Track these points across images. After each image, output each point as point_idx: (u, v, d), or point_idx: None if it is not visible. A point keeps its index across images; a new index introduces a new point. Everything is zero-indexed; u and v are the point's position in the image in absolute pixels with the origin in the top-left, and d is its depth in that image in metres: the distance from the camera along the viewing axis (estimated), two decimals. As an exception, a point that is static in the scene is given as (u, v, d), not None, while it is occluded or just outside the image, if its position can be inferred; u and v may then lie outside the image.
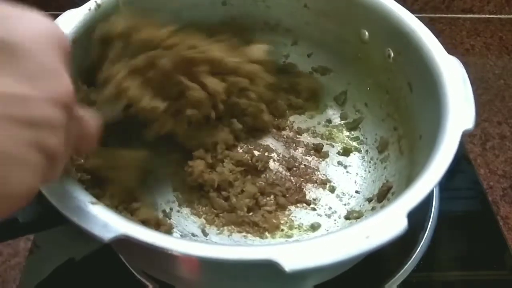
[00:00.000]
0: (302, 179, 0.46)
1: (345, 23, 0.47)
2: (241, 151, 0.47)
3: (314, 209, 0.44)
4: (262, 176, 0.45)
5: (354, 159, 0.48)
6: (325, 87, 0.52)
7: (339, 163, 0.48)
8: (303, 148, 0.49)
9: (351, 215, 0.42)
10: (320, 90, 0.52)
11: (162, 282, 0.39)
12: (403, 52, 0.42)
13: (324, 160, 0.48)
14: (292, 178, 0.46)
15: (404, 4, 0.42)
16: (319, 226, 0.42)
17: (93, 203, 0.28)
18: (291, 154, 0.48)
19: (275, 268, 0.25)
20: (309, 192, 0.45)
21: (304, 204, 0.44)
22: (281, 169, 0.46)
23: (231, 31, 0.47)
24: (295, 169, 0.47)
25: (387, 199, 0.41)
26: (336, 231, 0.28)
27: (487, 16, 0.75)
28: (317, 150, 0.48)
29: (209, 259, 0.26)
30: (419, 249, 0.43)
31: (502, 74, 0.66)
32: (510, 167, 0.54)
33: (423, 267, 0.43)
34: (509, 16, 0.75)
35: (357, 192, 0.45)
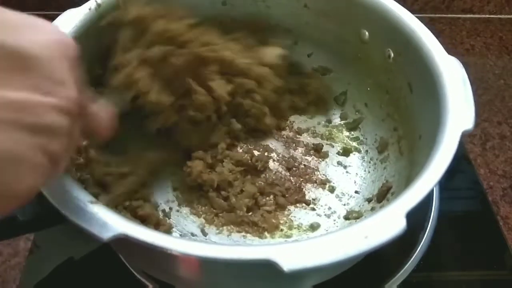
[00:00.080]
0: (301, 179, 0.46)
1: (345, 23, 0.47)
2: (240, 151, 0.47)
3: (313, 209, 0.44)
4: (261, 176, 0.45)
5: (354, 159, 0.48)
6: (330, 89, 0.52)
7: (339, 163, 0.48)
8: (303, 148, 0.49)
9: (350, 215, 0.42)
10: (327, 93, 0.52)
11: (162, 282, 0.39)
12: (403, 52, 0.42)
13: (323, 160, 0.48)
14: (291, 178, 0.46)
15: (404, 4, 0.42)
16: (318, 226, 0.42)
17: (92, 202, 0.28)
18: (291, 154, 0.48)
19: (273, 268, 0.25)
20: (309, 192, 0.45)
21: (304, 204, 0.44)
22: (280, 169, 0.46)
23: (247, 29, 0.47)
24: (294, 169, 0.47)
25: (387, 199, 0.41)
26: (335, 231, 0.28)
27: (487, 16, 0.75)
28: (317, 150, 0.48)
29: (208, 259, 0.26)
30: (419, 249, 0.43)
31: (502, 74, 0.66)
32: (510, 167, 0.54)
33: (423, 267, 0.43)
34: (509, 16, 0.75)
35: (356, 192, 0.45)
